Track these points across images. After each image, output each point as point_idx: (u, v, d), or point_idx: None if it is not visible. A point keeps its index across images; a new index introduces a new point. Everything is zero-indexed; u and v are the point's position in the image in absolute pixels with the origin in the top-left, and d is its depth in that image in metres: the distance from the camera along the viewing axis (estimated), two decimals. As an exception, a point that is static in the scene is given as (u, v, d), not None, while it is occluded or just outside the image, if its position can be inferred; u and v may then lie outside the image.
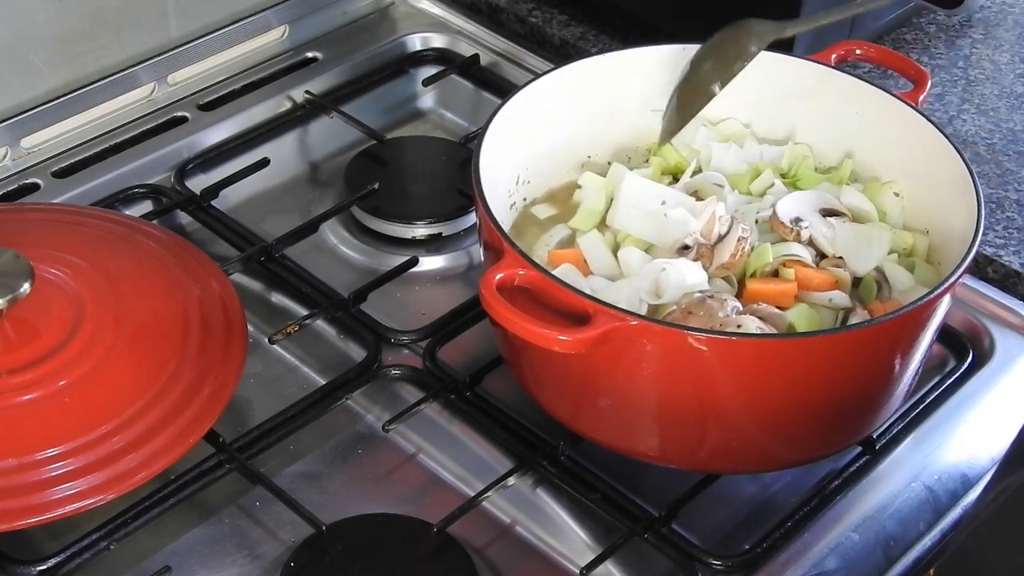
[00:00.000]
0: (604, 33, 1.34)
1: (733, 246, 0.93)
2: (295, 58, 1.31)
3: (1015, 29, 1.37)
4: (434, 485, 0.98)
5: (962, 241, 0.90)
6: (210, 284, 1.00)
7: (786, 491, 0.97)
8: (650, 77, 1.05)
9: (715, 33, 1.01)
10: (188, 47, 1.25)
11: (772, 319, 0.89)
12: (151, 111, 1.23)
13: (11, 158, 1.17)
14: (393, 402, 1.01)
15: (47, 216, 1.07)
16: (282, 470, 0.98)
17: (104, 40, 1.19)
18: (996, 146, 1.22)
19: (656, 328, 0.84)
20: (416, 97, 1.32)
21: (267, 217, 1.17)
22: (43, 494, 0.87)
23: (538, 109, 1.01)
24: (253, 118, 1.23)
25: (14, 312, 0.91)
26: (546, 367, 0.91)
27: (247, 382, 1.02)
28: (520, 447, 0.97)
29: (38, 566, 0.88)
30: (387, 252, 1.14)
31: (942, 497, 0.96)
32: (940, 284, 0.86)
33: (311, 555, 0.89)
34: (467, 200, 1.15)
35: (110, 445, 0.89)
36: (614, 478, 0.95)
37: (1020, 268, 1.10)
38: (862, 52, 1.08)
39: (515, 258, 0.86)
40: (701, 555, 0.90)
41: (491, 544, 0.94)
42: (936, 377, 1.03)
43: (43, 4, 1.14)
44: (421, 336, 1.04)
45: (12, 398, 0.89)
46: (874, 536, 0.92)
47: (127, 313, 0.95)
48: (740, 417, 0.88)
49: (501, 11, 1.36)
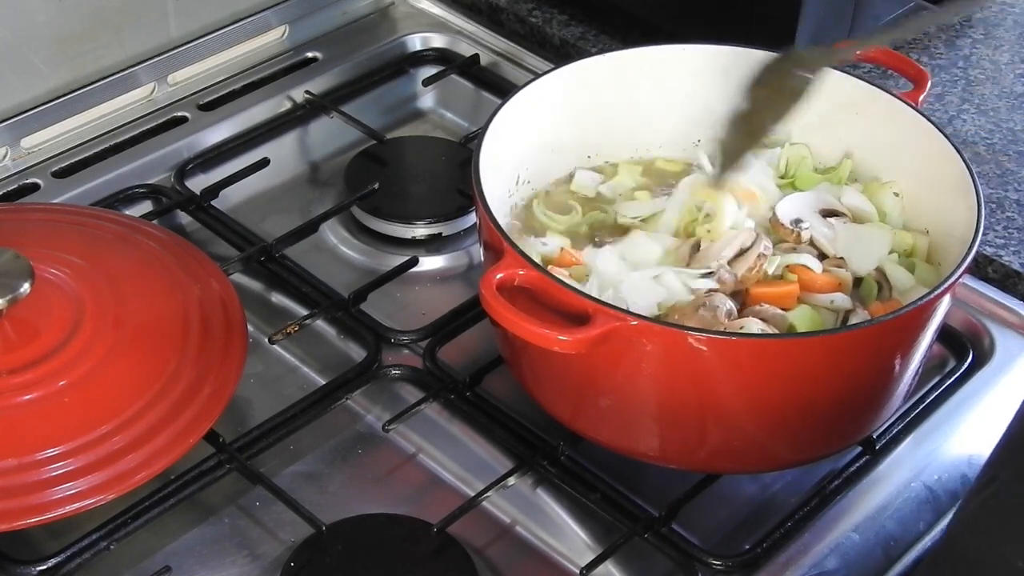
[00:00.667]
0: (604, 33, 1.34)
1: (752, 261, 0.93)
2: (295, 58, 1.31)
3: (1015, 29, 1.37)
4: (434, 485, 0.98)
5: (962, 241, 0.90)
6: (210, 284, 1.00)
7: (786, 491, 0.97)
8: (650, 77, 1.05)
9: (766, 63, 0.97)
10: (188, 47, 1.25)
11: (774, 320, 0.90)
12: (151, 111, 1.23)
13: (11, 158, 1.17)
14: (393, 402, 1.01)
15: (47, 216, 1.07)
16: (282, 470, 0.98)
17: (104, 40, 1.19)
18: (996, 146, 1.22)
19: (656, 328, 0.84)
20: (416, 97, 1.32)
21: (267, 217, 1.17)
22: (43, 494, 0.87)
23: (538, 109, 1.01)
24: (253, 118, 1.23)
25: (14, 312, 0.91)
26: (546, 367, 0.91)
27: (247, 382, 1.02)
28: (520, 447, 0.97)
29: (38, 566, 0.88)
30: (387, 252, 1.14)
31: (942, 497, 0.96)
32: (940, 284, 0.86)
33: (311, 555, 0.89)
34: (467, 200, 1.15)
35: (110, 445, 0.89)
36: (614, 478, 0.95)
37: (1020, 268, 1.10)
38: (862, 52, 1.08)
39: (515, 258, 0.86)
40: (701, 555, 0.90)
41: (491, 544, 0.94)
42: (936, 377, 1.03)
43: (43, 4, 1.14)
44: (421, 336, 1.04)
45: (12, 398, 0.89)
46: (874, 536, 0.92)
47: (127, 313, 0.95)
48: (740, 417, 0.88)
49: (501, 11, 1.36)
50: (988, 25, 1.37)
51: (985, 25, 1.37)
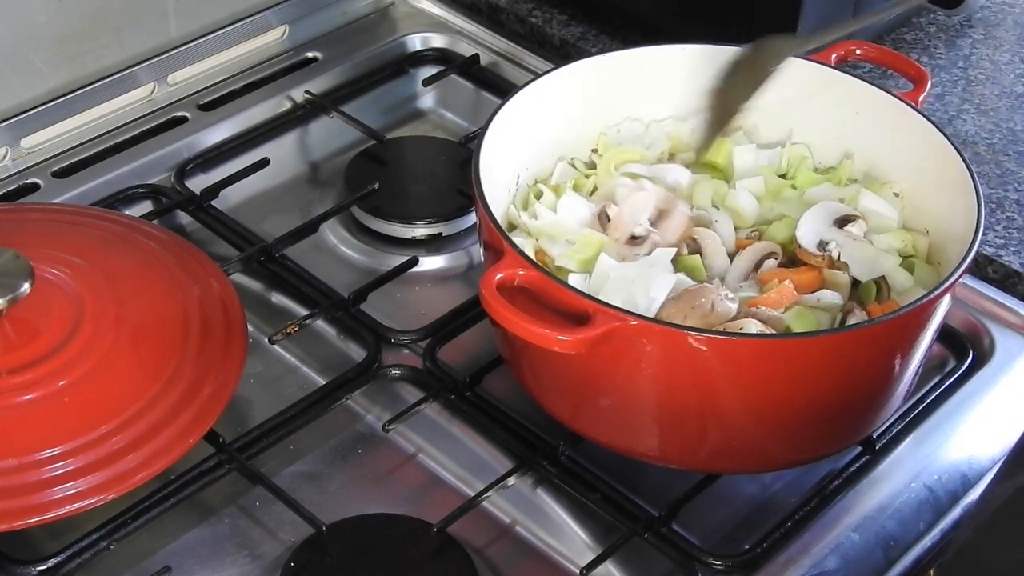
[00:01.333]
0: (604, 33, 1.34)
1: (679, 222, 0.95)
2: (295, 58, 1.31)
3: (1015, 29, 1.37)
4: (434, 485, 0.98)
5: (962, 241, 0.90)
6: (210, 284, 1.00)
7: (786, 491, 0.97)
8: (650, 77, 1.05)
9: (744, 45, 0.99)
10: (188, 47, 1.25)
11: (772, 322, 0.89)
12: (151, 111, 1.23)
13: (11, 158, 1.17)
14: (393, 402, 1.01)
15: (47, 216, 1.07)
16: (282, 470, 0.98)
17: (104, 40, 1.19)
18: (996, 146, 1.22)
19: (656, 328, 0.84)
20: (416, 97, 1.32)
21: (267, 217, 1.17)
22: (43, 494, 0.87)
23: (538, 109, 1.01)
24: (253, 118, 1.23)
25: (14, 312, 0.91)
26: (546, 367, 0.91)
27: (247, 382, 1.02)
28: (520, 447, 0.97)
29: (38, 566, 0.88)
30: (387, 252, 1.14)
31: (942, 497, 0.96)
32: (940, 284, 0.86)
33: (311, 555, 0.89)
34: (467, 200, 1.15)
35: (110, 445, 0.89)
36: (614, 478, 0.95)
37: (1020, 268, 1.10)
38: (862, 52, 1.08)
39: (515, 258, 0.86)
40: (701, 555, 0.90)
41: (491, 544, 0.94)
42: (936, 377, 1.03)
43: (43, 4, 1.14)
44: (421, 336, 1.04)
45: (12, 398, 0.89)
46: (874, 536, 0.92)
47: (127, 313, 0.95)
48: (740, 417, 0.88)
49: (501, 11, 1.36)
50: (988, 25, 1.37)
51: (985, 25, 1.37)
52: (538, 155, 1.03)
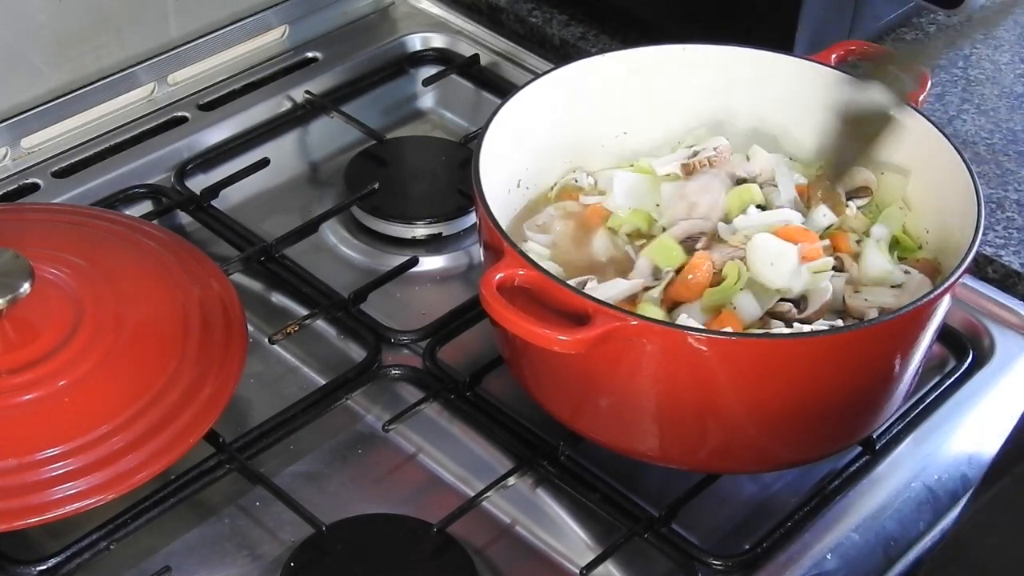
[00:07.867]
0: (604, 33, 1.34)
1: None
2: (295, 58, 1.31)
3: (1015, 29, 1.37)
4: (434, 485, 0.98)
5: (962, 241, 0.90)
6: (210, 284, 1.00)
7: (786, 491, 0.97)
8: (650, 77, 1.05)
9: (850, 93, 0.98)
10: (188, 47, 1.25)
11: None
12: (151, 111, 1.23)
13: (11, 158, 1.17)
14: (393, 402, 1.01)
15: (47, 216, 1.07)
16: (282, 470, 0.98)
17: (104, 40, 1.19)
18: (996, 146, 1.22)
19: (656, 328, 0.84)
20: (416, 97, 1.32)
21: (267, 217, 1.17)
22: (43, 494, 0.87)
23: (538, 109, 1.01)
24: (253, 118, 1.23)
25: (14, 312, 0.91)
26: (546, 367, 0.91)
27: (247, 382, 1.02)
28: (520, 447, 0.97)
29: (38, 566, 0.88)
30: (387, 252, 1.14)
31: (942, 497, 0.96)
32: (940, 284, 0.86)
33: (311, 555, 0.89)
34: (467, 200, 1.15)
35: (110, 445, 0.89)
36: (614, 478, 0.95)
37: (1020, 268, 1.10)
38: (862, 52, 1.08)
39: (515, 258, 0.86)
40: (701, 555, 0.90)
41: (491, 544, 0.94)
42: (936, 377, 1.03)
43: (43, 4, 1.14)
44: (421, 336, 1.04)
45: (12, 398, 0.89)
46: (874, 536, 0.92)
47: (127, 313, 0.95)
48: (740, 417, 0.88)
49: (501, 11, 1.36)
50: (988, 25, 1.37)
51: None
52: (538, 155, 1.03)
